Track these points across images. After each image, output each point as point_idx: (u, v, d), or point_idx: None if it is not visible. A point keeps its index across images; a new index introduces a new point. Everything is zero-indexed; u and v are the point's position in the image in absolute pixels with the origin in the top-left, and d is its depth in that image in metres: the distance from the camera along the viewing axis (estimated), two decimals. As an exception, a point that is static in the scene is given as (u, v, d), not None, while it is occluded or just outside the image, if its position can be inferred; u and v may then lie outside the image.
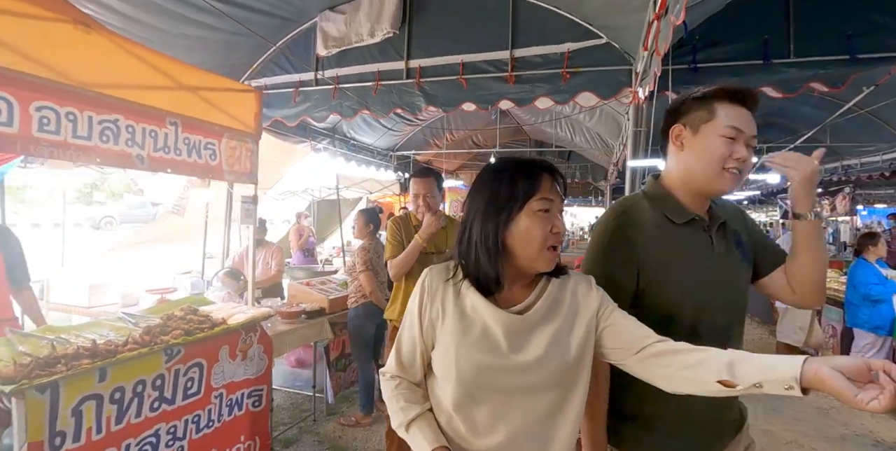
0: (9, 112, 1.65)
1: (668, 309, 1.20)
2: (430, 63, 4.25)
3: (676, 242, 1.23)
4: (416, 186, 2.74)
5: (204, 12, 3.98)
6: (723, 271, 1.24)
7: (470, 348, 1.08)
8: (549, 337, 1.09)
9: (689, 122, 1.23)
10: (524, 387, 1.07)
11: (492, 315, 1.09)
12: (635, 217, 1.25)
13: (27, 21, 1.74)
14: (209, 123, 2.41)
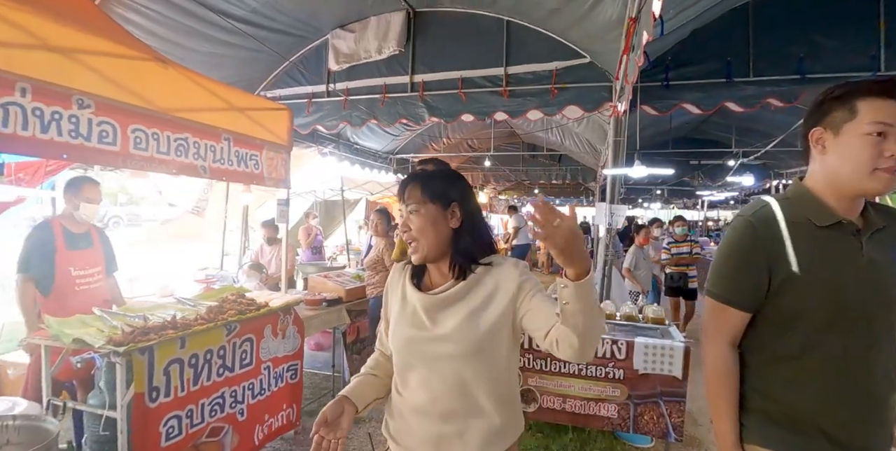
0: (113, 134, 2.09)
1: (798, 311, 1.17)
2: (433, 78, 4.72)
3: (816, 245, 1.17)
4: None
5: (229, 33, 4.44)
6: (870, 279, 1.15)
7: (403, 324, 1.30)
8: (463, 314, 1.24)
9: (829, 123, 1.15)
10: (442, 355, 1.23)
11: (416, 297, 1.30)
12: (768, 218, 1.21)
13: (123, 61, 2.18)
14: (253, 138, 2.87)
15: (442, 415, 1.23)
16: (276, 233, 5.22)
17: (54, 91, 1.88)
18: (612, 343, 3.04)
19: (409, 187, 1.31)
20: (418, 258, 1.28)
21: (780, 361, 1.22)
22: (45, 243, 2.77)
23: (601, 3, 3.03)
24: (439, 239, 1.28)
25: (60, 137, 1.90)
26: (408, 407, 1.29)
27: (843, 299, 1.14)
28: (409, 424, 1.28)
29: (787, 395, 1.21)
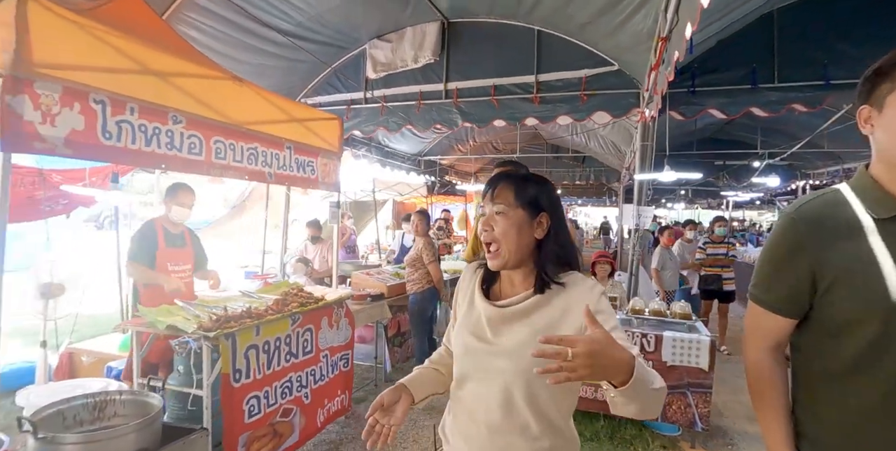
0: (199, 145, 2.38)
1: (849, 315, 1.03)
2: (466, 85, 4.95)
3: (872, 240, 1.02)
4: None
5: (275, 45, 4.74)
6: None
7: (466, 332, 1.27)
8: (526, 332, 1.19)
9: (874, 100, 1.05)
10: (498, 369, 1.19)
11: (483, 306, 1.27)
12: (815, 213, 1.09)
13: (205, 81, 2.47)
14: (310, 146, 3.14)
15: (489, 428, 1.19)
16: (319, 232, 5.54)
17: (154, 109, 2.17)
18: (642, 337, 3.24)
19: (500, 187, 1.26)
20: (497, 264, 1.24)
21: (831, 379, 1.07)
22: (149, 239, 3.17)
23: (632, 18, 3.22)
24: (521, 246, 1.23)
25: (160, 149, 2.19)
26: (461, 412, 1.28)
27: (890, 305, 0.97)
28: (461, 428, 1.27)
29: (838, 421, 1.05)
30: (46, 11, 1.78)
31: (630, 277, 4.56)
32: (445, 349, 1.46)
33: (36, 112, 1.74)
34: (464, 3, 4.67)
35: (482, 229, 1.25)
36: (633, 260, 4.60)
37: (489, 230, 1.23)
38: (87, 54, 1.92)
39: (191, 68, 2.37)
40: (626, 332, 3.25)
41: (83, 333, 4.53)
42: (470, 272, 1.37)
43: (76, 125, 1.86)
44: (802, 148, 7.51)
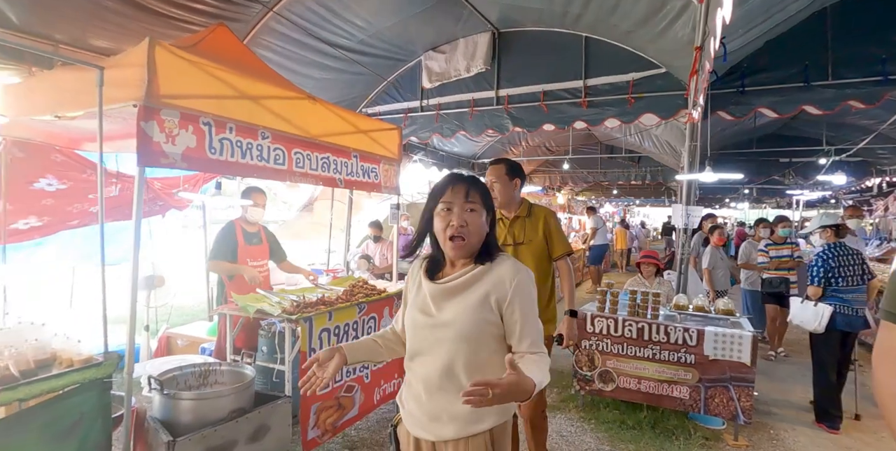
0: (283, 157, 2.79)
1: None
2: (516, 92, 5.20)
3: None
4: (487, 174, 2.67)
5: (338, 60, 5.18)
6: None
7: (415, 309, 1.49)
8: (462, 305, 1.41)
9: None
10: (440, 339, 1.41)
11: (427, 285, 1.48)
12: None
13: (286, 101, 2.87)
14: (373, 154, 3.51)
15: (436, 390, 1.40)
16: (380, 232, 5.97)
17: (247, 128, 2.58)
18: (684, 331, 3.37)
19: (472, 189, 1.44)
20: (463, 253, 1.43)
21: None
22: (230, 238, 3.62)
23: (672, 27, 3.37)
24: (481, 239, 1.46)
25: (252, 160, 2.60)
26: (414, 380, 1.49)
27: None
28: (413, 394, 1.48)
29: None
30: (168, 53, 2.21)
31: (679, 275, 4.64)
32: (391, 329, 1.67)
33: (161, 134, 2.18)
34: (513, 15, 4.93)
35: (457, 224, 1.40)
36: (683, 259, 4.69)
37: (464, 225, 1.41)
38: (197, 85, 2.35)
39: (275, 91, 2.78)
40: (670, 327, 3.40)
41: (174, 320, 5.15)
42: (417, 265, 1.58)
43: (190, 143, 2.29)
44: (872, 143, 7.19)
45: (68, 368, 1.93)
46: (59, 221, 3.93)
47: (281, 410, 2.50)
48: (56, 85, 2.70)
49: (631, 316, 3.56)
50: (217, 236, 3.63)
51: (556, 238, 2.59)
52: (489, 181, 2.59)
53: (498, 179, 2.57)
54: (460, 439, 1.40)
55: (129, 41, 3.84)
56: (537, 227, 2.58)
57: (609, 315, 3.61)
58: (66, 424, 1.88)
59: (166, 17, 3.79)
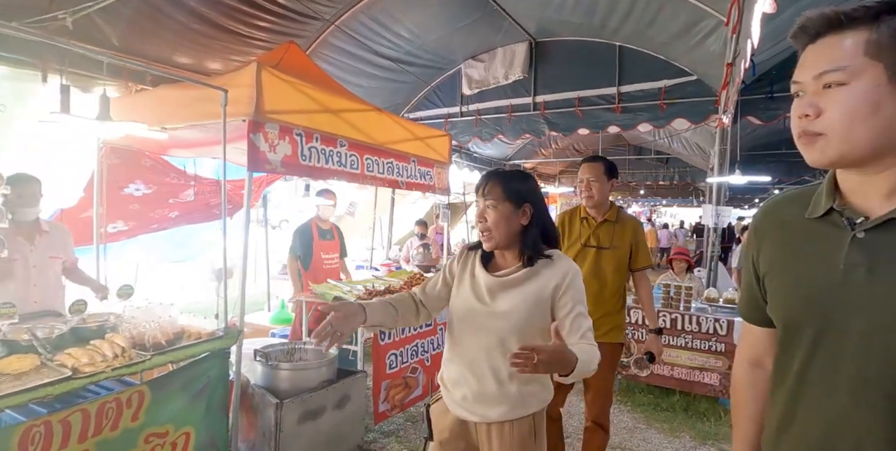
0: (357, 162, 3.16)
1: (781, 322, 0.92)
2: (553, 98, 5.52)
3: (792, 238, 0.90)
4: (582, 171, 2.50)
5: (384, 69, 5.56)
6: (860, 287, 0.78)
7: (468, 296, 1.54)
8: (518, 298, 1.48)
9: None
10: (493, 328, 1.48)
11: (483, 276, 1.54)
12: (772, 204, 0.98)
13: (358, 113, 3.25)
14: (428, 159, 3.88)
15: (483, 374, 1.47)
16: (425, 230, 6.37)
17: (329, 137, 2.96)
18: (715, 321, 3.65)
19: (489, 184, 1.51)
20: (490, 246, 1.52)
21: (780, 392, 0.92)
22: (307, 234, 4.06)
23: (705, 41, 3.65)
24: (510, 232, 1.49)
25: (333, 166, 2.98)
26: (460, 363, 1.55)
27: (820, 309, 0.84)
28: (458, 377, 1.55)
29: (785, 440, 0.90)
30: (269, 74, 2.59)
31: (708, 272, 4.90)
32: (412, 297, 1.69)
33: (266, 144, 2.57)
34: (550, 26, 5.24)
35: (477, 220, 1.53)
36: (712, 256, 4.93)
37: (483, 221, 1.50)
38: (291, 102, 2.74)
39: (350, 105, 3.16)
40: (702, 317, 3.68)
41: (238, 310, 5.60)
42: (465, 251, 1.66)
43: (287, 152, 2.67)
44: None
45: (196, 340, 2.33)
46: (141, 225, 4.38)
47: (359, 383, 2.88)
48: (161, 100, 3.14)
49: (665, 308, 3.85)
50: (295, 233, 4.06)
51: (642, 250, 2.53)
52: (585, 179, 2.46)
53: (597, 178, 2.44)
54: (506, 421, 1.49)
55: (208, 57, 4.28)
56: (624, 235, 2.47)
57: (644, 307, 3.90)
58: (199, 385, 2.29)
59: (240, 35, 4.22)
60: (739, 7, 2.07)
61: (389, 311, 1.59)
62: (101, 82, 3.71)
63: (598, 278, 2.46)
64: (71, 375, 1.83)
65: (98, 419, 1.90)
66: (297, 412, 2.50)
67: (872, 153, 0.76)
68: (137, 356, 2.05)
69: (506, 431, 1.49)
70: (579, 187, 2.55)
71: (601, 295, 2.44)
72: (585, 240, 2.51)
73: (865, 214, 0.80)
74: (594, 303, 2.28)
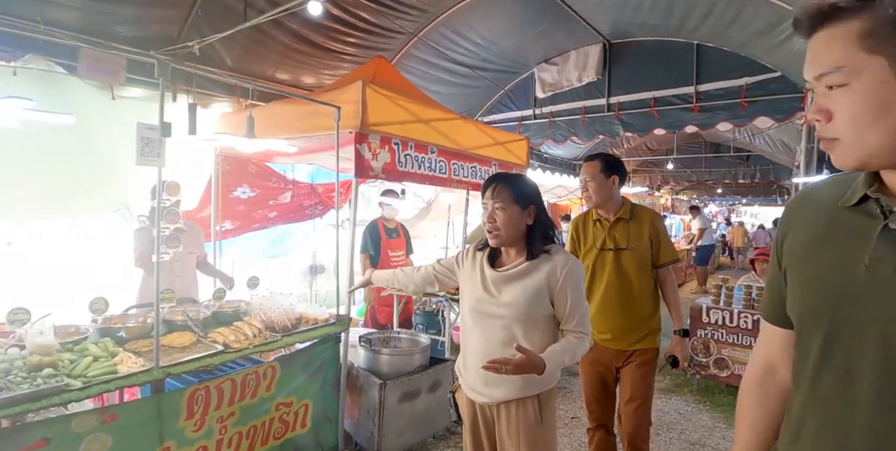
0: (445, 167, 3.44)
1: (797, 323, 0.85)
2: (627, 99, 5.54)
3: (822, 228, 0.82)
4: (581, 172, 2.39)
5: (458, 75, 5.81)
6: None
7: (478, 289, 1.71)
8: (520, 290, 1.64)
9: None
10: (498, 316, 1.65)
11: (489, 272, 1.71)
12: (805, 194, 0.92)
13: (445, 121, 3.52)
14: (508, 162, 4.09)
15: (489, 357, 1.52)
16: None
17: (421, 145, 3.25)
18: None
19: (498, 188, 1.66)
20: (496, 243, 1.68)
21: (794, 401, 0.85)
22: (374, 233, 4.37)
23: (791, 39, 3.61)
24: (517, 232, 1.66)
25: (424, 171, 3.27)
26: (469, 349, 1.73)
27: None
28: (470, 363, 1.72)
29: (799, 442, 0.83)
30: (372, 90, 2.90)
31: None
32: (426, 269, 2.00)
33: (369, 153, 2.88)
34: (625, 28, 5.28)
35: (486, 221, 1.67)
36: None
37: (493, 222, 1.66)
38: (389, 114, 3.04)
39: (439, 114, 3.43)
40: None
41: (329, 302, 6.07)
42: (473, 250, 1.84)
43: (387, 160, 2.98)
44: None
45: (314, 325, 2.67)
46: (245, 225, 4.87)
47: (448, 369, 3.14)
48: (273, 115, 3.54)
49: (746, 309, 3.84)
50: (365, 232, 4.39)
51: (664, 244, 2.32)
52: (583, 180, 2.34)
53: (592, 178, 2.28)
54: (511, 400, 1.65)
55: (304, 73, 4.72)
56: (642, 231, 2.28)
57: (724, 307, 3.91)
58: (316, 364, 2.63)
59: (332, 51, 4.62)
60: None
61: (391, 277, 2.10)
62: (217, 99, 4.24)
63: (623, 281, 2.29)
64: (223, 349, 2.20)
65: (242, 388, 2.27)
66: (398, 392, 2.79)
67: (894, 156, 0.67)
68: (271, 337, 2.41)
69: (512, 411, 1.66)
70: (581, 189, 2.42)
71: (629, 299, 2.29)
72: (602, 243, 2.33)
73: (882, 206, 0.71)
74: (623, 308, 2.28)
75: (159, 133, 1.90)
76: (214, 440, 2.17)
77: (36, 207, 3.40)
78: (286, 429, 2.49)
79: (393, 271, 2.13)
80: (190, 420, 2.07)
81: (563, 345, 1.60)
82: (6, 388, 1.67)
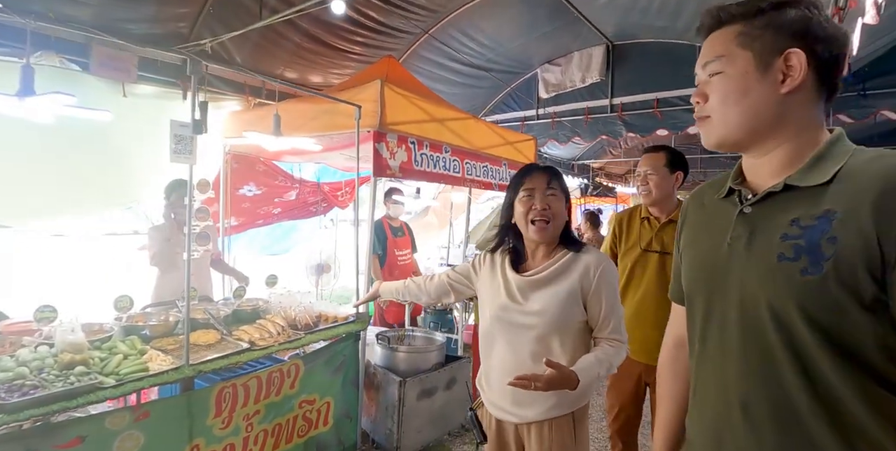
0: (458, 166, 3.46)
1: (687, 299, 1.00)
2: (630, 100, 5.60)
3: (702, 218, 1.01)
4: (640, 163, 2.23)
5: (463, 75, 5.83)
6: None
7: (502, 295, 1.56)
8: (549, 296, 1.48)
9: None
10: (527, 325, 1.50)
11: (514, 277, 1.56)
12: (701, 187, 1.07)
13: (458, 121, 3.54)
14: (516, 161, 4.13)
15: (518, 373, 1.33)
16: (496, 229, 6.64)
17: (436, 144, 3.27)
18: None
19: (553, 178, 1.56)
20: (543, 236, 1.53)
21: (691, 364, 0.99)
22: (380, 232, 4.37)
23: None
24: (561, 225, 1.55)
25: (439, 170, 3.29)
26: (495, 364, 1.57)
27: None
28: (493, 377, 1.57)
29: (693, 406, 0.98)
30: (390, 90, 2.92)
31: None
32: (439, 278, 1.86)
33: (387, 152, 2.89)
34: (629, 29, 5.33)
35: (540, 208, 1.51)
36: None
37: (547, 209, 1.51)
38: (406, 113, 3.06)
39: (452, 114, 3.46)
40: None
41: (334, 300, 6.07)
42: (493, 255, 1.70)
43: (403, 159, 2.99)
44: None
45: (333, 323, 2.68)
46: (249, 221, 4.87)
47: (464, 367, 3.17)
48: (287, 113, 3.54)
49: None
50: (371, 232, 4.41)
51: None
52: (643, 172, 2.18)
53: (655, 171, 2.12)
54: (544, 420, 1.50)
55: (312, 72, 4.72)
56: None
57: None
58: (337, 362, 2.64)
59: (341, 50, 4.61)
60: (840, 19, 2.17)
61: (400, 288, 1.96)
62: (227, 98, 4.23)
63: (663, 288, 2.09)
64: (250, 347, 2.21)
65: (268, 386, 2.27)
66: (416, 389, 2.81)
67: (748, 136, 0.85)
68: (294, 334, 2.42)
69: (545, 430, 1.50)
70: (637, 182, 2.27)
71: (667, 308, 2.10)
72: (647, 244, 2.16)
73: (756, 192, 0.87)
74: (659, 319, 2.01)
75: (191, 130, 1.90)
76: (241, 437, 2.17)
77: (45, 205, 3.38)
78: (309, 427, 2.50)
79: (403, 283, 1.97)
80: (218, 418, 2.08)
81: (597, 355, 1.45)
82: (42, 386, 1.67)
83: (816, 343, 0.75)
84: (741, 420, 0.83)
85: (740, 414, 0.83)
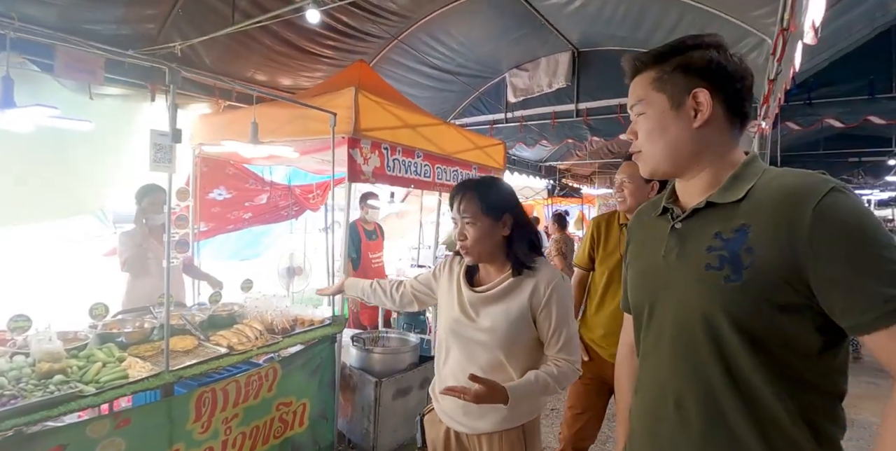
0: (428, 171, 3.54)
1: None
2: (595, 105, 5.80)
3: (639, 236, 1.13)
4: (619, 171, 2.18)
5: (433, 79, 5.92)
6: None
7: (455, 309, 1.56)
8: (499, 313, 1.48)
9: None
10: (478, 341, 1.50)
11: (466, 292, 1.56)
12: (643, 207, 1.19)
13: (430, 127, 3.62)
14: (487, 166, 4.24)
15: (470, 386, 1.35)
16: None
17: (408, 150, 3.34)
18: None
19: (464, 200, 1.50)
20: (472, 260, 1.55)
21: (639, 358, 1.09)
22: (355, 235, 4.42)
23: (748, 56, 3.91)
24: (492, 246, 1.51)
25: (411, 175, 3.36)
26: (447, 373, 1.59)
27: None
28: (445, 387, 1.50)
29: (634, 404, 1.10)
30: (364, 97, 2.97)
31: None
32: (404, 285, 1.87)
33: (361, 157, 2.96)
34: (593, 37, 5.52)
35: (458, 238, 1.53)
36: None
37: (464, 240, 1.51)
38: (379, 119, 3.12)
39: (424, 119, 3.54)
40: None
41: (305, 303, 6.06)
42: (452, 262, 1.70)
43: (377, 164, 3.06)
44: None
45: (309, 326, 2.73)
46: (219, 227, 4.82)
47: (437, 367, 3.26)
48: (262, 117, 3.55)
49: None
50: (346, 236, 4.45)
51: None
52: (619, 180, 2.16)
53: (632, 180, 2.09)
54: (495, 432, 1.51)
55: (282, 75, 4.72)
56: None
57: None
58: (314, 365, 2.69)
59: (312, 54, 4.63)
60: (784, 38, 2.36)
61: (365, 288, 1.97)
62: (196, 100, 4.19)
63: None
64: (229, 352, 2.24)
65: (246, 389, 2.31)
66: (392, 389, 2.89)
67: (673, 166, 0.97)
68: (271, 338, 2.46)
69: (495, 443, 1.52)
70: (614, 189, 2.25)
71: None
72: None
73: (686, 210, 0.97)
74: None
75: (171, 139, 1.92)
76: (220, 440, 2.21)
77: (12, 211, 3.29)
78: (285, 428, 2.54)
79: (369, 283, 1.97)
80: (198, 422, 2.11)
81: (537, 374, 1.45)
82: (20, 396, 1.68)
83: (740, 345, 0.84)
84: (674, 414, 0.93)
85: (673, 409, 0.93)
